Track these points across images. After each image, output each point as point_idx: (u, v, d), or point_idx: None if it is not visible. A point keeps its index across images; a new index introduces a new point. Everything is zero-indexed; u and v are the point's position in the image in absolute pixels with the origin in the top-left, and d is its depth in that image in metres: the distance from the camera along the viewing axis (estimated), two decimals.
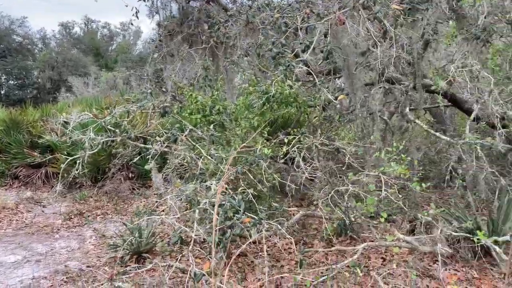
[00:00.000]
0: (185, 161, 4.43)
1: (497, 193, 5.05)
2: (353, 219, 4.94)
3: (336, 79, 7.53)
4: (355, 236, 5.06)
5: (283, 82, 4.45)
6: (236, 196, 3.83)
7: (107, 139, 5.11)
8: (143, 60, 26.84)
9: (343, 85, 6.43)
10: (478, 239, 4.26)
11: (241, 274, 4.39)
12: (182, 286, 4.15)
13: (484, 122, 5.38)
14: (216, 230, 3.29)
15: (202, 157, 4.53)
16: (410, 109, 6.16)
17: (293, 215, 5.54)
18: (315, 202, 4.73)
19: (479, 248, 4.44)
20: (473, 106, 5.26)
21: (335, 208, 4.65)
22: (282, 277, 4.30)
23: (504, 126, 4.73)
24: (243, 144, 4.20)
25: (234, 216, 3.55)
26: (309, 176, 4.78)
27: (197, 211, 3.76)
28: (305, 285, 4.04)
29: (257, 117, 4.87)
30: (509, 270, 4.18)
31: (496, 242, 4.41)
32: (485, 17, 4.88)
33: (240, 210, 3.61)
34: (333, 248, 4.55)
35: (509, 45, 6.25)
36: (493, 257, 4.45)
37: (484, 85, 4.68)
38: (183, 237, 4.16)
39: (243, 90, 5.40)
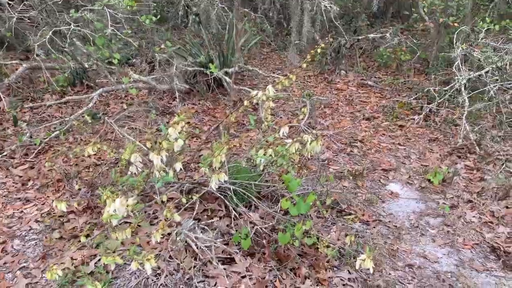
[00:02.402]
0: None
1: (227, 27, 5.30)
2: (87, 66, 4.44)
3: None
4: (92, 84, 4.62)
5: None
6: None
7: None
8: None
9: None
10: (211, 72, 4.48)
11: None
12: None
13: None
14: None
15: None
16: None
17: (16, 69, 4.63)
18: (36, 51, 3.93)
19: (213, 81, 4.73)
20: None
21: (62, 54, 4.01)
22: (4, 140, 3.66)
23: None
24: None
25: None
26: (22, 16, 3.85)
27: None
28: (35, 144, 3.55)
29: None
30: (236, 97, 4.64)
31: (226, 74, 4.77)
32: None
33: None
34: (63, 100, 4.05)
35: None
36: (225, 88, 4.84)
37: None
38: None
39: None
